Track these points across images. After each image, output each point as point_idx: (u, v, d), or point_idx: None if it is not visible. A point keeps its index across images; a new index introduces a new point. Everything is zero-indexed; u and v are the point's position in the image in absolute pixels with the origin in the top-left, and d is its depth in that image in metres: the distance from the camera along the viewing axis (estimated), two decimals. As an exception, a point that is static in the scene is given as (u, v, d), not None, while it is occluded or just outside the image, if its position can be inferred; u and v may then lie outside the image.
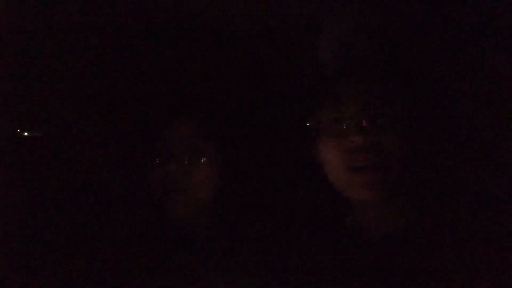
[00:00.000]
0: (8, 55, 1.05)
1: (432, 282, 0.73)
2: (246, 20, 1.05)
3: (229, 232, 1.00)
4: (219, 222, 1.01)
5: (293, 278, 0.86)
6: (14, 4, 1.00)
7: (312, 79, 0.94)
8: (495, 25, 0.87)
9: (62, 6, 1.03)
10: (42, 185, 1.07)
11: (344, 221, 0.88)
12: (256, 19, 1.04)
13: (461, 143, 0.84)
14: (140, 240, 0.99)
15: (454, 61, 0.88)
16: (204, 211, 1.00)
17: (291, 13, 1.01)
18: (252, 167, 1.05)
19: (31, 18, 1.04)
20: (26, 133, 1.13)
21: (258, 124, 1.11)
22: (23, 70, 1.08)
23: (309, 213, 0.96)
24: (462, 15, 0.89)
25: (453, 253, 0.73)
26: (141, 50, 1.12)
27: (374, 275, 0.78)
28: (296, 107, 1.02)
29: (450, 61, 0.88)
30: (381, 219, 0.82)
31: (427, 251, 0.75)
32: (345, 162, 0.78)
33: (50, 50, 1.09)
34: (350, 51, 0.85)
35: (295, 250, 0.90)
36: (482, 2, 0.88)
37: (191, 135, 0.98)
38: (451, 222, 0.76)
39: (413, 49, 0.86)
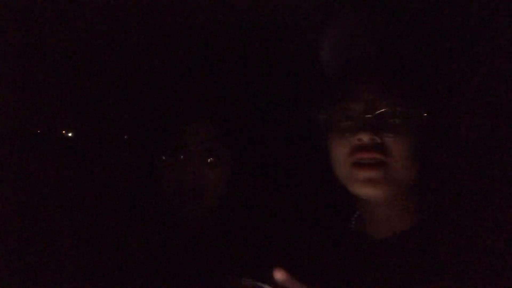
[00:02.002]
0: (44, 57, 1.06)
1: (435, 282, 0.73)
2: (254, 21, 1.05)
3: (236, 230, 1.01)
4: (228, 220, 1.02)
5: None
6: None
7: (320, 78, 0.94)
8: (496, 25, 0.88)
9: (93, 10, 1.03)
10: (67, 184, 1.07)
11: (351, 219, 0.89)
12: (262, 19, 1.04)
13: (468, 143, 0.85)
14: (150, 239, 0.99)
15: (461, 60, 0.88)
16: (215, 210, 1.01)
17: (299, 12, 1.01)
18: (263, 165, 1.06)
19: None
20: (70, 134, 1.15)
21: (268, 123, 1.12)
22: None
23: (319, 211, 0.97)
24: (466, 14, 0.90)
25: (457, 253, 0.73)
26: (158, 51, 1.12)
27: (379, 274, 0.79)
28: (305, 105, 1.02)
29: (458, 60, 0.88)
30: (387, 218, 0.82)
31: (431, 251, 0.76)
32: (351, 159, 0.78)
33: (79, 53, 1.10)
34: (357, 50, 0.85)
35: (303, 250, 0.91)
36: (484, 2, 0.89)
37: (205, 135, 0.99)
38: (457, 222, 0.77)
39: (420, 47, 0.86)
